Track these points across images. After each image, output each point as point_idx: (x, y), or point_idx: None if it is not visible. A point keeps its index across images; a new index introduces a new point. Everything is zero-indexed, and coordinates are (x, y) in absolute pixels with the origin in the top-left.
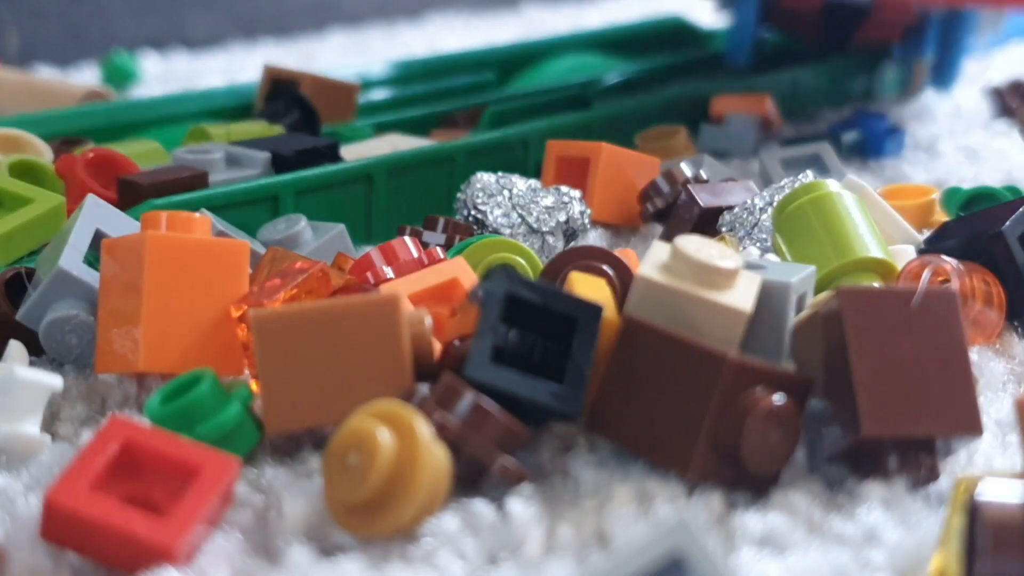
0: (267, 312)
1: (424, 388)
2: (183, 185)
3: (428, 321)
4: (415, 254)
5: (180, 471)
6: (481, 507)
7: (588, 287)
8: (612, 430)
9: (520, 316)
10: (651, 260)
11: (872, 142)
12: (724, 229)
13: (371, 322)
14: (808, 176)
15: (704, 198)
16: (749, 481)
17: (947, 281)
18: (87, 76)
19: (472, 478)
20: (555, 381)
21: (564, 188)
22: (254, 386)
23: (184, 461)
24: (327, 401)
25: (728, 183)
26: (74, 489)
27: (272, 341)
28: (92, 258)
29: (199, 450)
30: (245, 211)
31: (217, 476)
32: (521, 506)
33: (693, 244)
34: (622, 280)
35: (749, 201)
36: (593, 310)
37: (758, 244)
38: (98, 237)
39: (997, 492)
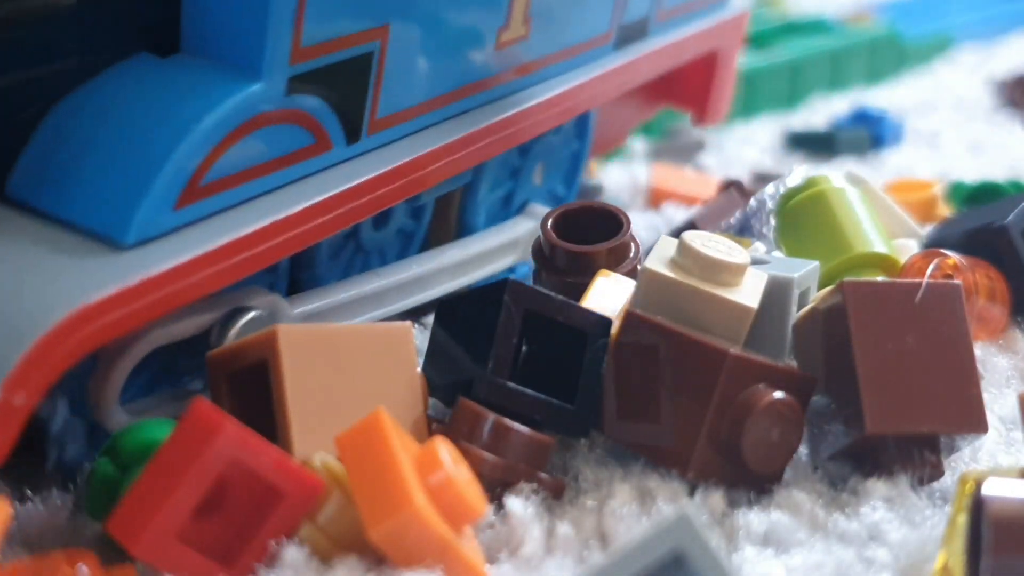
0: (290, 327)
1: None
2: None
3: None
4: None
5: (263, 492)
6: None
7: (612, 288)
8: (612, 427)
9: (530, 326)
10: (657, 253)
11: (873, 137)
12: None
13: (386, 346)
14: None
15: None
16: (751, 479)
17: (951, 276)
18: None
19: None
20: (564, 392)
21: None
22: None
23: (271, 480)
24: (346, 423)
25: None
26: (161, 538)
27: (297, 353)
28: None
29: (288, 466)
30: None
31: (299, 505)
32: (520, 504)
33: (700, 239)
34: None
35: (755, 197)
36: (604, 324)
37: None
38: None
39: (1002, 489)
